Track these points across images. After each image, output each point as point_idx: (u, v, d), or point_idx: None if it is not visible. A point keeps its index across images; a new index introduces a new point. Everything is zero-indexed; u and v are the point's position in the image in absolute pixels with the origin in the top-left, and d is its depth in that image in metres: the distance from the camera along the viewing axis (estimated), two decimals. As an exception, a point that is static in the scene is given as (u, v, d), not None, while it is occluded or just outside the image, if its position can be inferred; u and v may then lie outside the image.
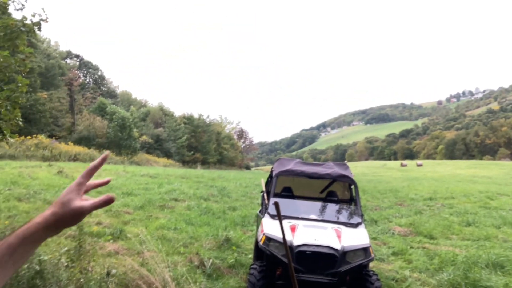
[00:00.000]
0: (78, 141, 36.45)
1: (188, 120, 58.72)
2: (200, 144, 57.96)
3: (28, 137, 27.42)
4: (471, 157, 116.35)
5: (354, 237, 5.37)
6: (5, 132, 7.19)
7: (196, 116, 60.97)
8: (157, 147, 50.05)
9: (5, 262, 0.79)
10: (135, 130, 43.42)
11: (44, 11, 7.15)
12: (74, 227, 7.48)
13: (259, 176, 29.67)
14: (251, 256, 7.30)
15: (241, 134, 79.57)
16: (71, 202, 0.88)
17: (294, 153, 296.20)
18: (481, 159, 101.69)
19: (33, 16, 6.97)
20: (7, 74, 7.06)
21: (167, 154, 50.24)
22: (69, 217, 0.87)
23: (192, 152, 55.76)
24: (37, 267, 4.37)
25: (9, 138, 7.69)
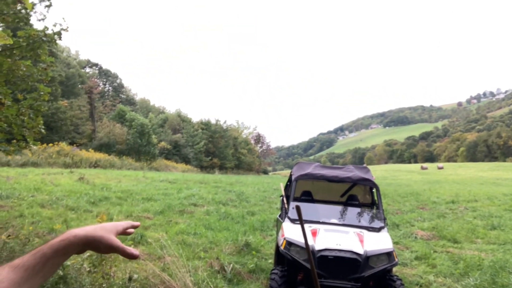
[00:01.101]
0: (99, 148, 36.99)
1: (205, 125, 59.02)
2: (217, 150, 58.15)
3: (50, 144, 27.99)
4: (494, 159, 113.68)
5: (377, 242, 5.28)
6: (28, 139, 7.35)
7: (213, 121, 61.31)
8: (176, 153, 50.43)
9: (37, 271, 0.81)
10: (153, 136, 43.86)
11: (64, 21, 7.31)
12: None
13: (277, 180, 29.57)
14: (271, 261, 7.25)
15: (258, 138, 79.62)
16: (112, 234, 0.95)
17: (311, 157, 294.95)
18: (504, 161, 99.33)
19: (54, 25, 7.13)
20: (29, 83, 7.22)
21: (185, 160, 50.56)
22: (104, 243, 0.92)
23: (210, 158, 55.99)
24: (61, 272, 4.42)
25: (32, 146, 7.86)
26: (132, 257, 0.97)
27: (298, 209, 2.92)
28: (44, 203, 10.73)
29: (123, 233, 1.07)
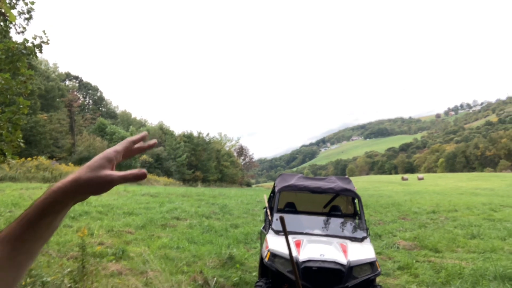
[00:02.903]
0: (79, 162, 36.35)
1: (188, 138, 58.75)
2: (200, 162, 57.86)
3: (29, 158, 27.37)
4: (472, 169, 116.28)
5: (360, 252, 5.32)
6: (6, 153, 7.19)
7: (195, 134, 61.09)
8: (157, 166, 49.93)
9: (26, 239, 0.72)
10: (135, 149, 43.31)
11: (45, 34, 7.24)
12: (76, 248, 7.41)
13: (260, 193, 29.52)
14: (255, 273, 7.21)
15: (241, 151, 79.60)
16: (101, 169, 0.79)
17: (294, 169, 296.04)
18: (482, 171, 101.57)
19: (34, 38, 7.05)
20: (8, 96, 7.10)
21: (167, 173, 50.09)
22: (95, 184, 0.77)
23: (192, 170, 55.63)
24: (40, 289, 4.31)
25: (11, 160, 7.68)
26: (138, 178, 0.80)
27: (282, 220, 2.94)
28: (22, 219, 10.46)
29: (132, 152, 0.89)
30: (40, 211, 0.74)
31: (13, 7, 6.76)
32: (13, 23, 7.30)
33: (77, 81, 64.04)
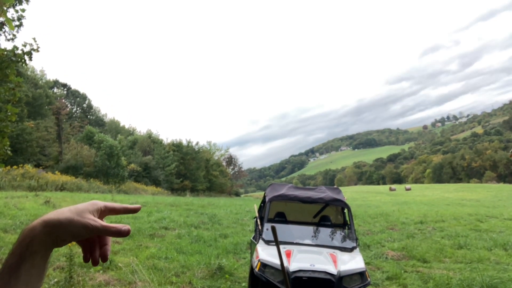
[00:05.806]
0: (65, 170, 35.93)
1: (177, 147, 58.46)
2: (189, 172, 57.55)
3: (14, 166, 26.98)
4: (459, 180, 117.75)
5: (350, 262, 5.34)
6: (-7, 161, 7.10)
7: (184, 143, 60.84)
8: (146, 175, 49.54)
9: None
10: (123, 158, 43.01)
11: (35, 41, 7.21)
12: (63, 258, 7.30)
13: (249, 202, 29.48)
14: (245, 284, 7.17)
15: (230, 160, 79.44)
16: (87, 213, 0.75)
17: (283, 179, 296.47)
18: (468, 182, 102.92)
19: (24, 46, 7.02)
20: (-4, 103, 7.03)
21: (156, 182, 49.71)
22: (75, 231, 0.72)
23: (181, 180, 55.29)
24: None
25: (-3, 167, 7.58)
26: (120, 234, 0.74)
27: (273, 229, 2.95)
28: (7, 228, 10.28)
29: (111, 212, 0.83)
30: (18, 256, 0.69)
31: (4, 14, 6.73)
32: (3, 29, 7.27)
33: (65, 89, 63.52)
